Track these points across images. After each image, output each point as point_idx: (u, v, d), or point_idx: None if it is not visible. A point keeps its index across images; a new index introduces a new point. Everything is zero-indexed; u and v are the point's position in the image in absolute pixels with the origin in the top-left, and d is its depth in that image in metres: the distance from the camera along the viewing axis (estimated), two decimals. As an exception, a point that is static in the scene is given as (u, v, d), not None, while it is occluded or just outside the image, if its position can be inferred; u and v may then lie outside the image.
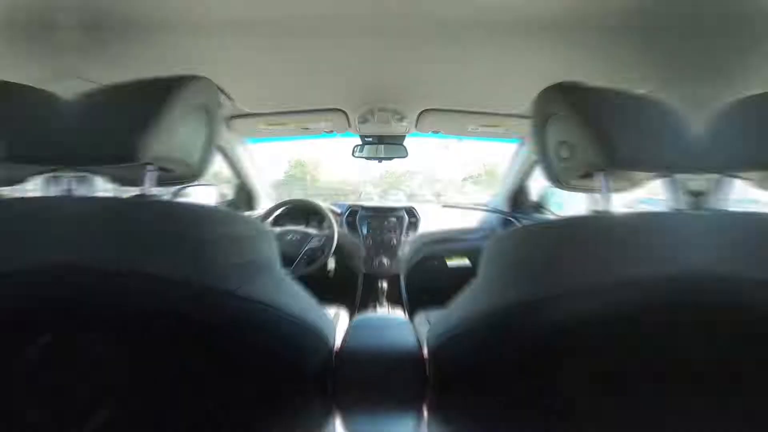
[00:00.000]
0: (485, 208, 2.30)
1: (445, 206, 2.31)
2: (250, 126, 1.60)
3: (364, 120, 1.55)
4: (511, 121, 1.55)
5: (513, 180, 2.06)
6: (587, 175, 0.61)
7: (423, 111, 1.51)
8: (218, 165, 1.98)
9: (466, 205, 2.38)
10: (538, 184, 2.14)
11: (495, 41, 0.99)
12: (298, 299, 0.63)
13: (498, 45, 1.00)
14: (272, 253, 0.58)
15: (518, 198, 2.15)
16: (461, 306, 0.65)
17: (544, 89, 0.66)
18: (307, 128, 1.60)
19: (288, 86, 1.30)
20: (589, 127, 0.55)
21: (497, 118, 1.53)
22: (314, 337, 0.65)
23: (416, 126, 1.63)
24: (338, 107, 1.49)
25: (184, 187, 2.17)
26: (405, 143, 1.82)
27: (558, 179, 0.68)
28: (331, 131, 1.67)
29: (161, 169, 0.59)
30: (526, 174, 1.97)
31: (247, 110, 1.48)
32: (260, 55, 1.07)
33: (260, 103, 1.44)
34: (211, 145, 0.68)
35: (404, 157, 1.84)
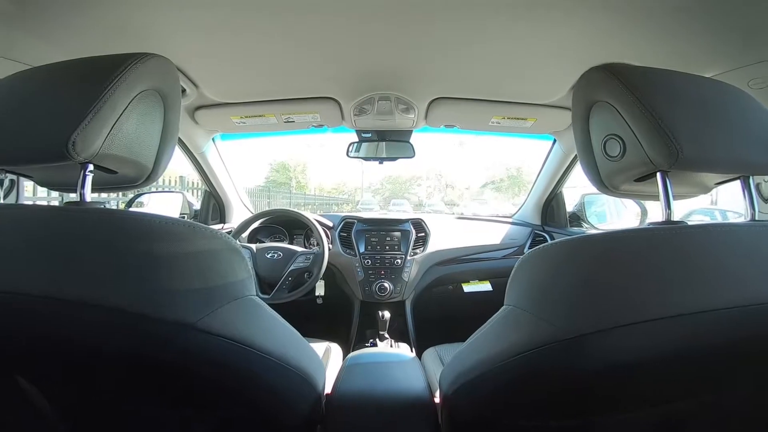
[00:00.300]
0: (510, 220, 2.28)
1: (460, 218, 2.29)
2: (221, 119, 1.59)
3: (360, 111, 1.53)
4: (542, 113, 1.53)
5: (544, 186, 2.04)
6: (643, 178, 0.59)
7: (434, 100, 1.48)
8: (184, 166, 1.97)
9: (486, 217, 2.36)
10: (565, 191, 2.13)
11: (523, 14, 0.94)
12: (277, 333, 0.61)
13: (527, 19, 0.96)
14: (244, 275, 0.55)
15: (550, 208, 2.13)
16: (484, 342, 0.63)
17: (588, 71, 0.63)
18: (291, 121, 1.59)
19: (267, 69, 1.26)
20: (646, 117, 0.53)
21: (525, 109, 1.51)
22: (298, 379, 0.63)
23: (426, 119, 1.61)
24: (329, 95, 1.46)
25: (139, 195, 2.22)
26: (412, 140, 1.79)
27: (605, 183, 0.66)
28: (321, 125, 1.66)
29: (103, 169, 0.57)
30: (560, 179, 1.95)
31: (217, 99, 1.46)
32: (232, 32, 1.03)
33: (233, 91, 1.42)
34: (168, 141, 0.66)
35: (410, 157, 1.82)
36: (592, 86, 0.63)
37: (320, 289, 1.95)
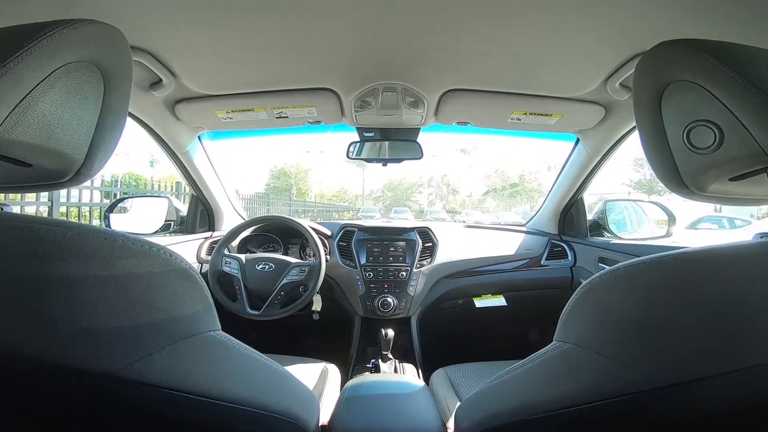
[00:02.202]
0: (524, 228, 2.11)
1: (469, 226, 2.12)
2: (204, 114, 1.42)
3: (362, 105, 1.36)
4: (570, 109, 1.36)
5: (563, 192, 1.87)
6: (742, 176, 0.48)
7: (446, 92, 1.32)
8: (169, 168, 1.80)
9: (498, 225, 2.19)
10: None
11: None
12: (251, 375, 0.53)
13: None
14: (198, 306, 0.45)
15: (569, 216, 1.96)
16: (527, 383, 0.56)
17: (657, 47, 0.52)
18: (284, 116, 1.41)
19: (254, 55, 1.10)
20: (754, 95, 0.42)
21: (550, 103, 1.34)
22: (284, 425, 0.56)
23: (436, 115, 1.44)
24: (326, 86, 1.29)
25: (121, 200, 2.06)
26: (419, 139, 1.62)
27: (686, 182, 0.52)
28: (318, 122, 1.48)
29: (8, 160, 0.44)
30: (582, 183, 1.78)
31: (199, 91, 1.30)
32: (214, 11, 0.89)
33: (216, 81, 1.26)
34: (109, 128, 0.52)
35: (418, 158, 1.65)
36: (665, 64, 0.52)
37: (317, 304, 1.80)
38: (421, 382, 1.12)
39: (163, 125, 1.48)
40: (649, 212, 1.97)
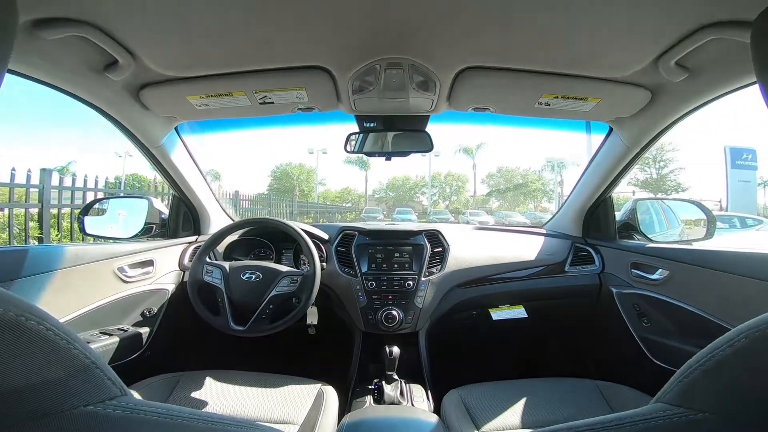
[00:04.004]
0: (542, 230, 1.90)
1: (480, 228, 1.90)
2: (175, 100, 1.22)
3: (361, 86, 1.15)
4: (610, 92, 1.15)
5: (590, 190, 1.66)
6: None
7: (463, 70, 1.09)
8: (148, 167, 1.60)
9: (513, 227, 1.98)
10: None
11: None
12: None
13: None
14: (58, 372, 0.32)
15: (595, 216, 1.74)
16: None
17: None
18: (269, 102, 1.20)
19: (228, 26, 0.89)
20: None
21: (587, 86, 1.13)
22: None
23: (449, 99, 1.22)
24: (318, 63, 1.08)
25: (97, 201, 1.86)
26: (428, 129, 1.40)
27: None
28: (310, 108, 1.27)
29: None
30: (614, 179, 1.57)
31: (166, 73, 1.09)
32: None
33: (184, 60, 1.05)
34: None
35: (427, 151, 1.43)
36: None
37: (312, 317, 1.60)
38: (433, 419, 0.92)
39: (128, 115, 1.28)
40: (680, 212, 1.76)
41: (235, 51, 1.00)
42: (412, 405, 1.29)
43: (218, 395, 1.21)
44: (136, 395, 1.14)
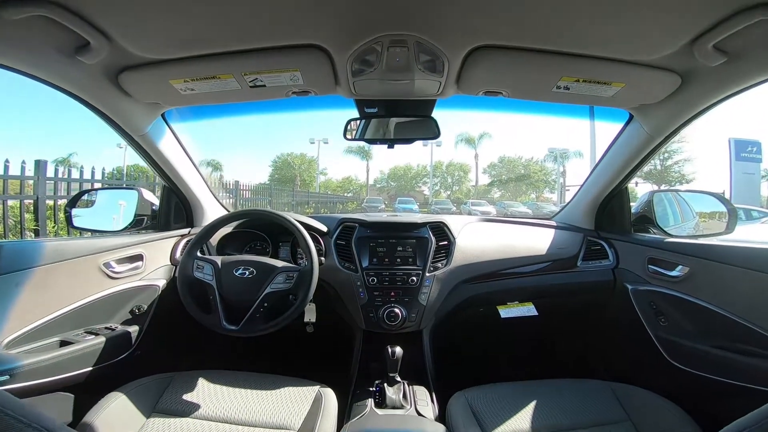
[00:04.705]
0: (551, 222, 1.81)
1: (487, 220, 1.81)
2: (157, 85, 1.12)
3: (361, 67, 1.05)
4: (637, 76, 1.05)
5: (604, 180, 1.57)
6: None
7: (474, 50, 0.99)
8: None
9: (520, 219, 1.89)
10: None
11: None
12: None
13: None
14: None
15: (609, 209, 1.65)
16: None
17: None
18: (260, 85, 1.10)
19: (216, 5, 0.80)
20: None
21: (612, 69, 1.02)
22: None
23: (458, 82, 1.12)
24: (313, 41, 0.97)
25: (85, 192, 1.77)
26: (434, 115, 1.30)
27: None
28: (305, 91, 1.16)
29: None
30: (633, 170, 1.47)
31: (146, 56, 1.00)
32: None
33: (164, 40, 0.95)
34: None
35: (433, 138, 1.33)
36: None
37: (310, 314, 1.51)
38: (440, 430, 0.84)
39: (108, 102, 1.18)
40: (696, 204, 1.67)
41: (220, 29, 0.90)
42: (416, 409, 1.21)
43: (211, 397, 1.14)
44: (125, 398, 1.07)
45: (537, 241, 1.66)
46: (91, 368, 1.18)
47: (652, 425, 1.04)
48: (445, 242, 1.57)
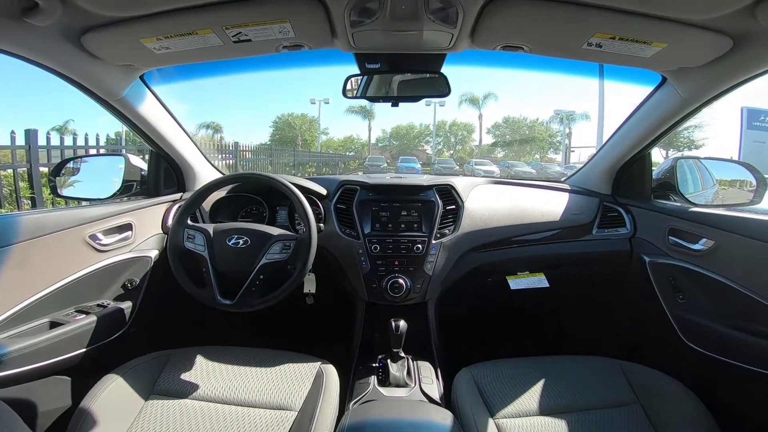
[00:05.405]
0: (565, 186, 1.70)
1: (497, 182, 1.70)
2: (127, 44, 0.99)
3: (360, 17, 0.90)
4: (682, 36, 0.91)
5: (628, 144, 1.45)
6: None
7: None
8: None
9: (532, 181, 1.78)
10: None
11: None
12: None
13: None
14: None
15: (629, 174, 1.53)
16: None
17: None
18: (245, 39, 0.96)
19: None
20: None
21: (654, 27, 0.88)
22: None
23: (472, 35, 0.98)
24: None
25: (69, 159, 1.66)
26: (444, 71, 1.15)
27: None
28: (297, 45, 1.02)
29: None
30: (660, 135, 1.36)
31: (110, 13, 0.86)
32: None
33: None
34: None
35: (443, 96, 1.20)
36: None
37: (310, 284, 1.43)
38: (447, 420, 0.79)
39: (73, 66, 1.05)
40: (719, 173, 1.56)
41: None
42: (420, 388, 1.16)
43: (210, 376, 1.09)
44: (121, 380, 1.01)
45: (550, 205, 1.56)
46: (85, 349, 1.13)
47: (662, 410, 0.98)
48: (453, 206, 1.47)
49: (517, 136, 32.53)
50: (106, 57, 1.04)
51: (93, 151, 4.59)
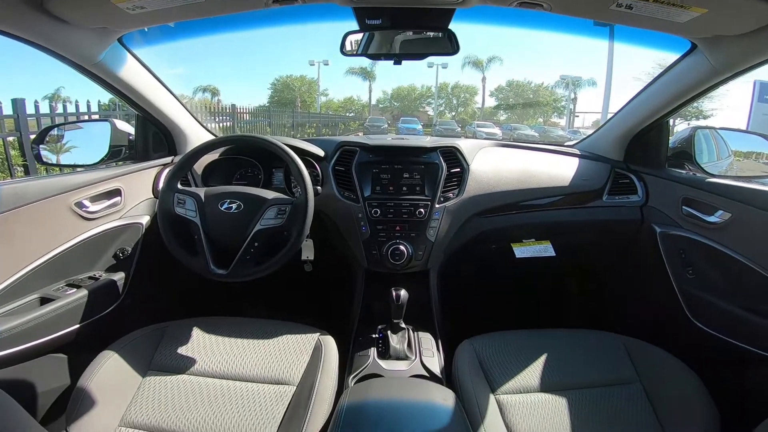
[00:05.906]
0: (574, 150, 1.63)
1: (503, 145, 1.62)
2: (97, 5, 0.89)
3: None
4: (721, 3, 0.82)
5: (647, 110, 1.37)
6: None
7: None
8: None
9: (539, 145, 1.70)
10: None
11: None
12: None
13: None
14: None
15: (644, 141, 1.45)
16: None
17: None
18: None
19: None
20: None
21: None
22: None
23: None
24: None
25: (52, 127, 1.57)
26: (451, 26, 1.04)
27: None
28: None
29: None
30: (685, 102, 1.27)
31: None
32: None
33: None
34: None
35: (451, 54, 1.09)
36: None
37: (308, 251, 1.38)
38: (449, 401, 0.76)
39: (39, 31, 0.95)
40: (735, 143, 1.50)
41: None
42: (421, 360, 1.14)
43: (207, 350, 1.07)
44: (118, 356, 0.98)
45: (559, 170, 1.49)
46: (79, 325, 1.10)
47: (663, 390, 0.96)
48: (458, 169, 1.40)
49: (521, 100, 31.74)
50: (74, 20, 0.94)
51: (86, 118, 4.45)
